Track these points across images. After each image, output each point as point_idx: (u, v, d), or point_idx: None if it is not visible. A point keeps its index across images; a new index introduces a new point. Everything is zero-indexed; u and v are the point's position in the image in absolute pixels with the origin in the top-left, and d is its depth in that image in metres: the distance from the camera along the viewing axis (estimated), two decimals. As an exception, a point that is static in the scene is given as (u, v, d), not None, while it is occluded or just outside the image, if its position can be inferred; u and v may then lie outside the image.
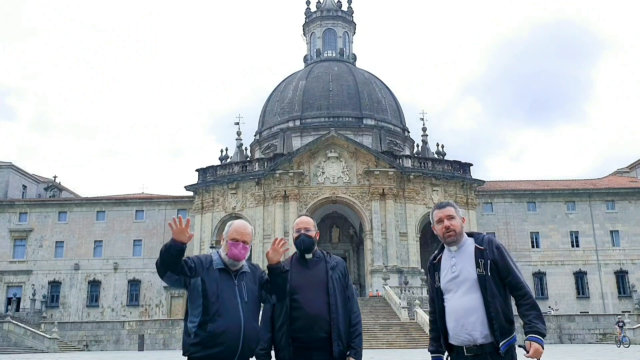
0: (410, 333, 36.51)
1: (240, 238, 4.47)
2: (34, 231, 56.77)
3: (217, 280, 4.36)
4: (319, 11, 68.95)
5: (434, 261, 4.48)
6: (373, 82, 63.20)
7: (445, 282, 4.31)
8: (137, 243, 56.64)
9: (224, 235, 4.57)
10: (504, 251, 4.28)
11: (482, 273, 4.17)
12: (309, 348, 4.66)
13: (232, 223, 4.61)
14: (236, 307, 4.32)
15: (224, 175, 53.81)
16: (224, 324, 4.24)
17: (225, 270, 4.43)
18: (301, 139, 56.06)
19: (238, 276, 4.46)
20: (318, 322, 4.65)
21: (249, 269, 4.57)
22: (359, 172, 51.22)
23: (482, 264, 4.18)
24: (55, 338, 38.91)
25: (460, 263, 4.28)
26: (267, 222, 50.96)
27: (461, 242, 4.36)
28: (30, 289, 54.58)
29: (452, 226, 4.32)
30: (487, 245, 4.27)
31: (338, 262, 4.96)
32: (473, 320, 4.14)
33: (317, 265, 4.89)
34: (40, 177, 65.64)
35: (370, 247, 49.50)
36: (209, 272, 4.38)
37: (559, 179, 63.92)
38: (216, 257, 4.50)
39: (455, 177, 52.94)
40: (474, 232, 4.45)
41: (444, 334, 4.31)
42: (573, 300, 53.93)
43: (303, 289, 4.75)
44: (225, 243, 4.48)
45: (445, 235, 4.35)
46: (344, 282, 4.88)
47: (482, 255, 4.22)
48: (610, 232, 55.73)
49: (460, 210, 4.48)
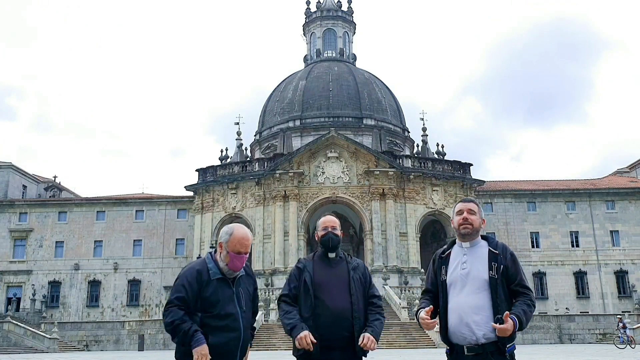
0: (410, 333, 36.54)
1: (244, 250, 4.32)
2: (34, 231, 56.77)
3: (216, 292, 4.22)
4: (319, 11, 68.94)
5: (442, 255, 4.49)
6: (373, 82, 63.18)
7: (452, 277, 4.32)
8: (137, 243, 56.66)
9: (222, 243, 4.33)
10: (517, 259, 4.37)
11: (494, 276, 4.21)
12: (331, 347, 4.65)
13: (232, 232, 4.34)
14: (236, 318, 4.25)
15: (224, 175, 53.79)
16: (225, 336, 4.17)
17: (223, 279, 4.30)
18: (301, 139, 56.05)
19: (235, 283, 4.36)
20: (341, 319, 4.66)
21: (244, 272, 4.48)
22: (359, 172, 51.21)
23: (495, 267, 4.23)
24: (55, 338, 38.89)
25: (471, 261, 4.31)
26: (267, 222, 50.96)
27: (475, 241, 4.40)
28: (30, 289, 54.59)
29: (470, 219, 4.36)
30: (502, 250, 4.32)
31: (359, 263, 4.98)
32: (478, 320, 4.15)
33: (340, 264, 4.89)
34: (40, 177, 65.63)
35: (370, 247, 49.50)
36: (207, 286, 4.23)
37: (559, 179, 63.92)
38: (212, 266, 4.32)
39: (455, 177, 52.92)
40: (488, 236, 4.49)
41: (444, 330, 4.33)
42: (573, 300, 53.92)
43: (327, 287, 4.75)
44: (227, 253, 4.29)
45: (461, 227, 4.38)
46: (365, 284, 4.89)
47: (496, 259, 4.27)
48: (610, 232, 55.72)
49: (482, 212, 4.52)
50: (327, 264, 4.87)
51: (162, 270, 55.32)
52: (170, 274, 53.17)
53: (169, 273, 53.95)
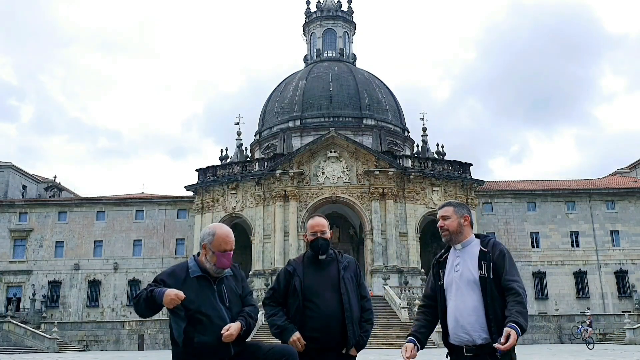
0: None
1: (229, 247, 4.35)
2: (34, 231, 56.77)
3: (196, 290, 4.25)
4: (319, 11, 68.95)
5: (439, 259, 4.52)
6: (373, 82, 63.20)
7: (448, 280, 4.34)
8: (137, 243, 56.66)
9: (206, 244, 4.35)
10: (506, 254, 4.28)
11: (484, 275, 4.18)
12: (322, 349, 4.66)
13: (215, 232, 4.37)
14: (220, 313, 4.25)
15: (224, 175, 53.80)
16: (210, 333, 4.17)
17: (203, 277, 4.32)
18: (301, 139, 56.06)
19: (218, 281, 4.37)
20: (333, 322, 4.66)
21: (231, 272, 4.48)
22: (359, 172, 51.22)
23: (484, 266, 4.21)
24: (55, 338, 38.91)
25: (463, 262, 4.31)
26: (267, 222, 50.96)
27: (466, 241, 4.39)
28: (30, 289, 54.59)
29: (445, 225, 4.39)
30: (491, 248, 4.29)
31: (350, 261, 4.96)
32: (472, 321, 4.15)
33: (330, 265, 4.88)
34: (40, 177, 65.64)
35: (370, 247, 49.51)
36: (186, 283, 4.27)
37: (559, 179, 63.93)
38: (192, 264, 4.37)
39: (455, 177, 52.93)
40: (482, 235, 4.47)
41: (445, 333, 4.35)
42: (573, 300, 53.92)
43: (317, 290, 4.75)
44: (212, 254, 4.31)
45: (441, 234, 4.44)
46: (357, 282, 4.90)
47: (485, 257, 4.24)
48: (610, 232, 55.72)
49: (464, 209, 4.47)
50: (318, 265, 4.87)
51: (162, 271, 55.20)
52: (170, 274, 53.06)
53: (169, 273, 53.90)
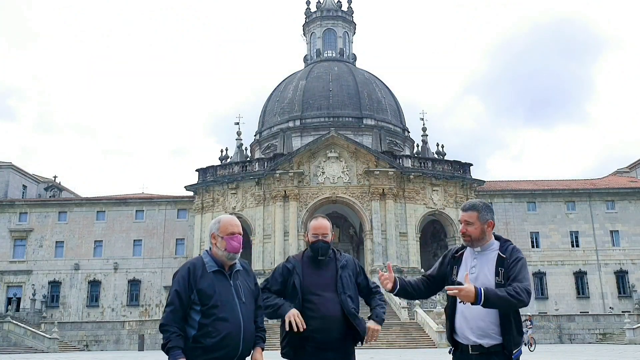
0: (410, 333, 36.57)
1: (236, 230, 4.40)
2: (34, 231, 56.77)
3: (213, 284, 4.26)
4: (319, 11, 68.93)
5: (455, 254, 4.48)
6: (373, 82, 63.19)
7: (462, 279, 4.28)
8: (137, 243, 56.66)
9: (214, 233, 4.41)
10: (522, 262, 4.20)
11: (501, 282, 4.13)
12: (324, 348, 4.66)
13: (220, 219, 4.47)
14: (235, 308, 4.26)
15: (224, 175, 53.78)
16: (225, 327, 4.17)
17: (219, 271, 4.35)
18: (301, 139, 56.05)
19: (233, 276, 4.39)
20: (333, 322, 4.66)
21: (241, 267, 4.50)
22: (359, 172, 51.21)
23: (501, 273, 4.17)
24: (55, 338, 38.93)
25: (480, 266, 4.28)
26: (267, 222, 50.95)
27: (485, 245, 4.35)
28: (30, 289, 54.59)
29: (467, 232, 4.34)
30: (509, 254, 4.23)
31: (348, 260, 4.97)
32: (484, 326, 4.13)
33: (329, 265, 4.90)
34: (40, 177, 65.64)
35: (370, 247, 49.49)
36: (203, 278, 4.27)
37: (559, 179, 63.92)
38: (208, 260, 4.38)
39: (455, 177, 52.92)
40: (502, 238, 4.40)
41: (451, 330, 4.33)
42: (573, 300, 53.94)
43: (317, 289, 4.76)
44: (221, 239, 4.36)
45: (462, 239, 4.40)
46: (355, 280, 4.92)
47: (502, 264, 4.20)
48: (610, 232, 55.72)
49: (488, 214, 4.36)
50: (317, 264, 4.89)
51: (162, 270, 55.33)
52: (170, 274, 52.86)
53: (169, 273, 53.86)
